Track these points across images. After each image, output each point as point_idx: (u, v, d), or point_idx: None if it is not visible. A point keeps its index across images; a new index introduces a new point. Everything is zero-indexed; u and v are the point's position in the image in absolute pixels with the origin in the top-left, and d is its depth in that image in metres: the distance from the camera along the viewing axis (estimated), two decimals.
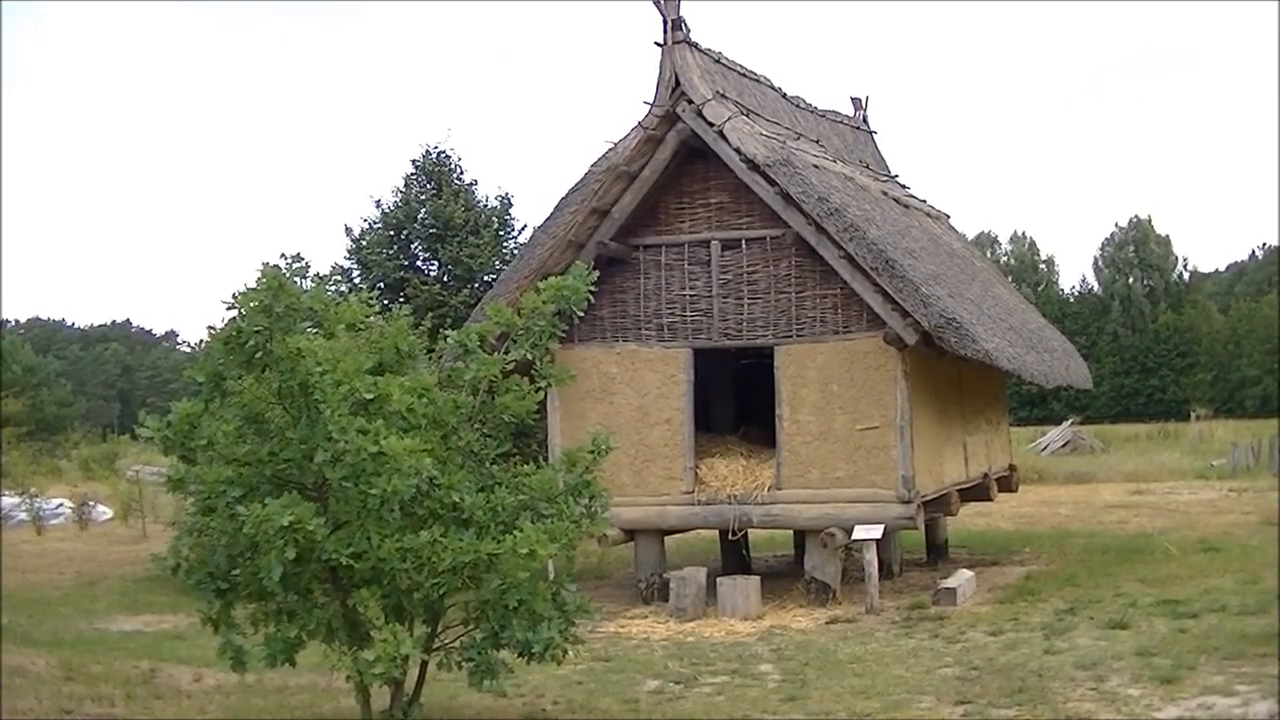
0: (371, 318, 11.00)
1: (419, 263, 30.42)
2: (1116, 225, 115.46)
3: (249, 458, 9.93)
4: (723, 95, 18.82)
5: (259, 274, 10.01)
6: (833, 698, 12.42)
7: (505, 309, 11.20)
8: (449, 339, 11.25)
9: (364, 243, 30.44)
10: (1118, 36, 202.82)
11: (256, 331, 9.86)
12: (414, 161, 31.25)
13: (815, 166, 18.75)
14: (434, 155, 31.36)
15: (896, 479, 17.89)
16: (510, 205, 31.69)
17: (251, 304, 9.95)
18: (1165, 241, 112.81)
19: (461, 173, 31.37)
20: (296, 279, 10.20)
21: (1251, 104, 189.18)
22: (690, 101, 18.58)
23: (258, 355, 9.96)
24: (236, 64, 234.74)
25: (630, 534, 19.28)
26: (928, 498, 18.53)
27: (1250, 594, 16.58)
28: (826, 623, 16.91)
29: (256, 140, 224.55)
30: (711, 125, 18.45)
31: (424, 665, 10.60)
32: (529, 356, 11.05)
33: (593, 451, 10.91)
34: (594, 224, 19.15)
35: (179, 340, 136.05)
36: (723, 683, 13.48)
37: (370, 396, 9.72)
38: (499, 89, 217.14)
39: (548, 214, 19.58)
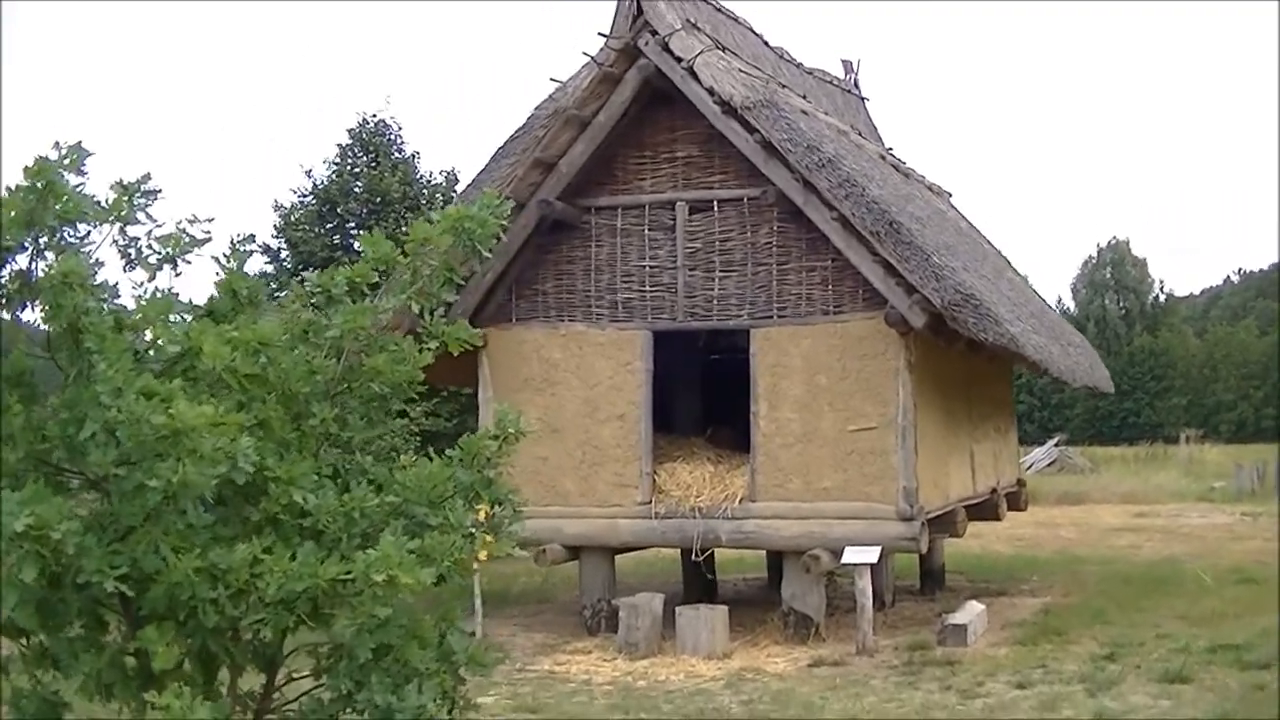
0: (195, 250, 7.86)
1: (352, 241, 27.65)
2: (1097, 246, 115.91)
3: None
4: (695, 26, 15.75)
5: (26, 170, 6.93)
6: None
7: (384, 241, 8.00)
8: (305, 283, 8.08)
9: (293, 218, 27.78)
10: (1102, 61, 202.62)
11: (15, 249, 6.78)
12: (350, 131, 28.89)
13: (804, 113, 15.68)
14: (372, 124, 29.07)
15: (896, 491, 14.83)
16: (456, 181, 29.44)
17: (11, 213, 6.84)
18: (1142, 264, 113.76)
19: (402, 144, 29.36)
20: (73, 177, 7.06)
21: (1235, 133, 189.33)
22: (655, 33, 15.57)
23: (17, 285, 6.87)
24: (168, 24, 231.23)
25: (575, 551, 16.38)
26: (932, 515, 15.44)
27: None
28: (809, 665, 13.96)
29: (185, 107, 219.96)
30: (680, 61, 15.43)
31: None
32: (413, 306, 7.85)
33: (497, 437, 7.72)
34: (537, 179, 16.11)
35: None
36: None
37: (175, 349, 6.64)
38: (449, 52, 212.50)
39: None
